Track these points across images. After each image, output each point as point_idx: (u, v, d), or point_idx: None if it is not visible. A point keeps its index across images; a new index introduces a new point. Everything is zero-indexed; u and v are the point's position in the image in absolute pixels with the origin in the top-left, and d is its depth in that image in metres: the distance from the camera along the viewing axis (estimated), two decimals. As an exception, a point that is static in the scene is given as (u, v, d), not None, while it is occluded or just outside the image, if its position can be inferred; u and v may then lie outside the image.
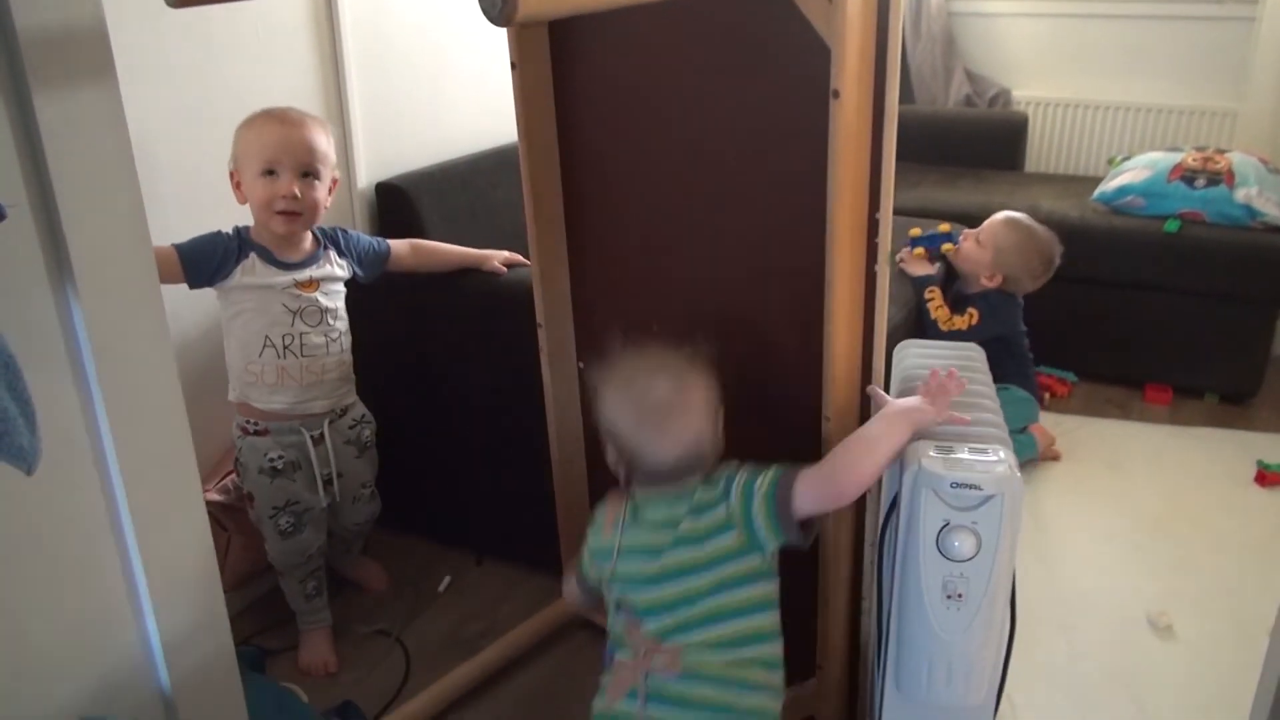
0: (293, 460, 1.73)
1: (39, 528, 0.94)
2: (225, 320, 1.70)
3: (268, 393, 1.70)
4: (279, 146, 1.62)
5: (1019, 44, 3.55)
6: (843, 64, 1.13)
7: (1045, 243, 2.40)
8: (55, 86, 0.81)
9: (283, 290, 1.67)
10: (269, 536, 1.76)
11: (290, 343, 1.68)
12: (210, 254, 1.64)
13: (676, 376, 1.29)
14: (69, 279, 0.87)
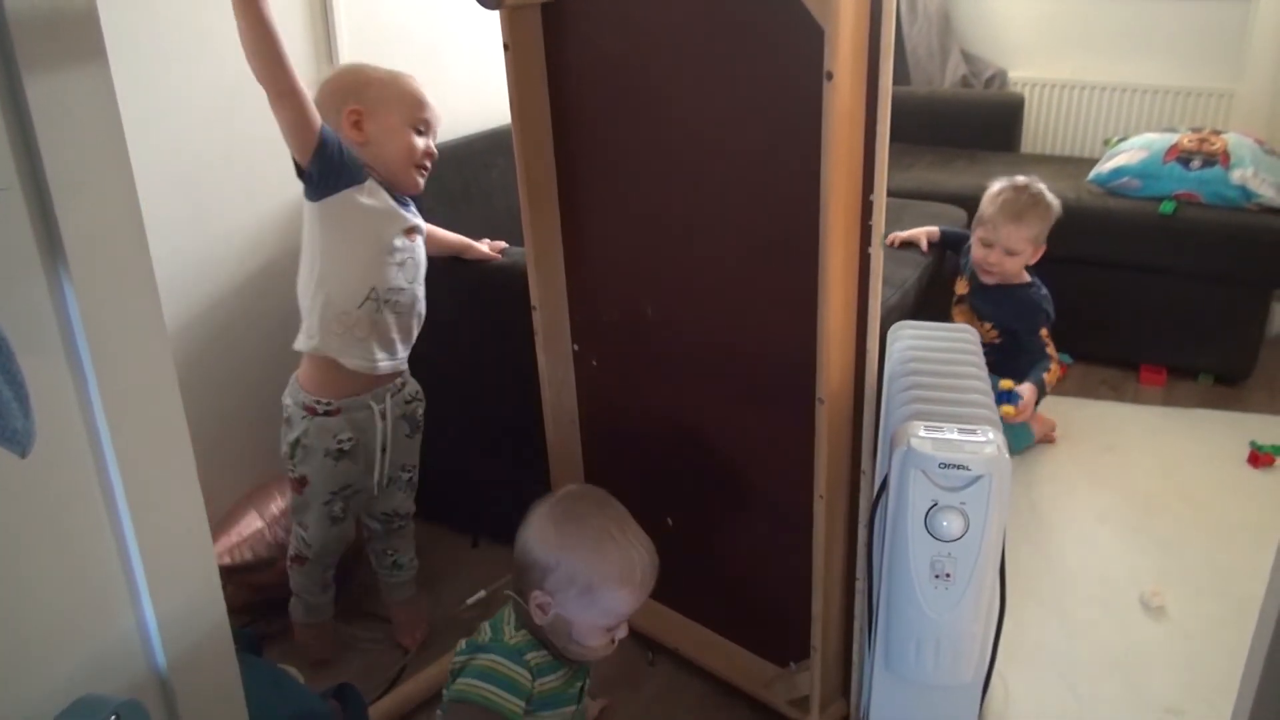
0: (358, 441, 1.64)
1: (34, 509, 0.94)
2: (323, 254, 1.55)
3: (353, 345, 1.58)
4: (431, 109, 1.62)
5: (1015, 25, 3.54)
6: (836, 45, 1.13)
7: (1044, 194, 2.35)
8: (46, 68, 0.80)
9: (395, 227, 1.58)
10: (315, 523, 1.68)
11: (390, 297, 1.60)
12: (342, 150, 1.51)
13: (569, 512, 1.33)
14: (61, 261, 0.87)
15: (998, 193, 2.33)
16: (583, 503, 1.34)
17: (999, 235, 2.30)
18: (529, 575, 1.30)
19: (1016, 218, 2.29)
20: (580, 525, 1.30)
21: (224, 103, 1.82)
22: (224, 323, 1.92)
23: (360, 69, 1.62)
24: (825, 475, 1.39)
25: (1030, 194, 2.31)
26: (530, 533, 1.32)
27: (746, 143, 1.36)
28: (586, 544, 1.29)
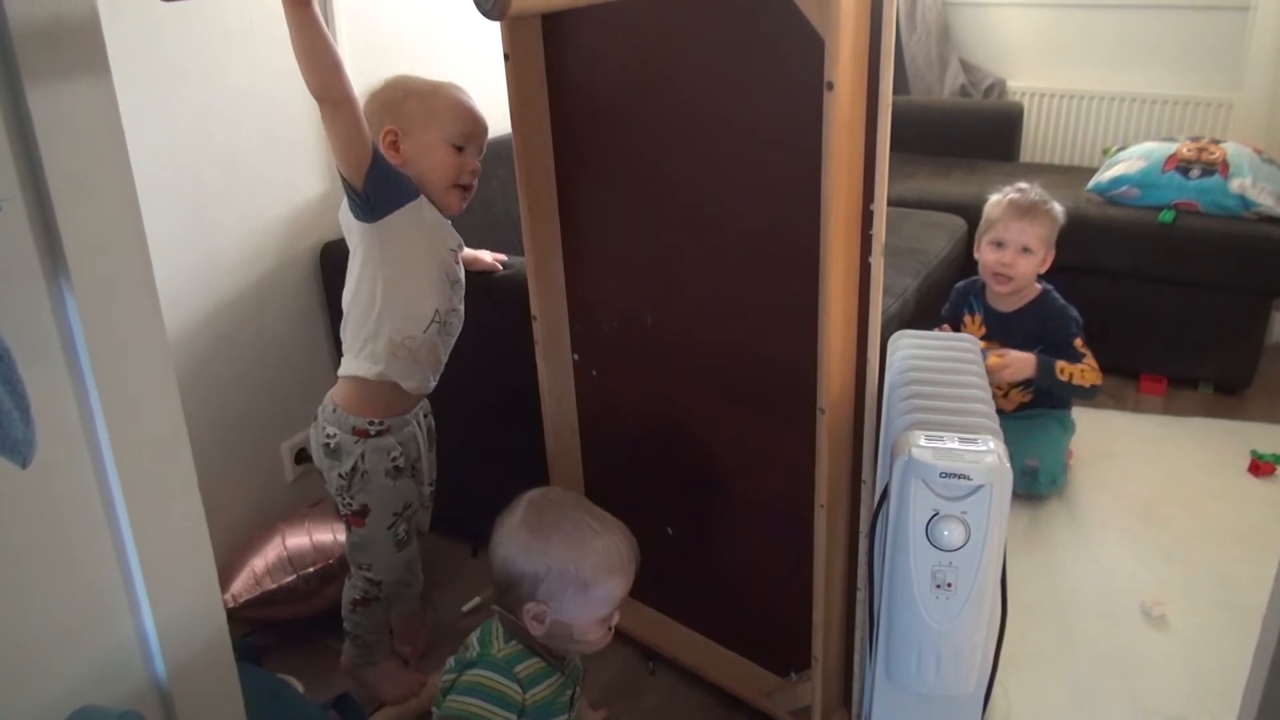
0: (407, 457, 1.59)
1: (34, 519, 0.94)
2: (385, 280, 1.48)
3: (411, 370, 1.53)
4: (475, 122, 1.52)
5: (1014, 34, 3.55)
6: (836, 55, 1.13)
7: (1049, 198, 2.31)
8: (48, 78, 0.81)
9: (449, 244, 1.54)
10: (383, 553, 1.60)
11: (448, 319, 1.56)
12: (392, 168, 1.46)
13: (539, 518, 1.33)
14: (63, 271, 0.87)
15: (1001, 196, 2.30)
16: (550, 506, 1.34)
17: (1010, 233, 2.23)
18: (517, 590, 1.30)
19: (1026, 213, 2.24)
20: (557, 528, 1.30)
21: (226, 112, 1.83)
22: (225, 332, 1.92)
23: (401, 82, 1.53)
24: (826, 485, 1.39)
25: (1036, 195, 2.28)
26: (509, 548, 1.31)
27: (746, 152, 1.37)
28: (570, 544, 1.29)
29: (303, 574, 1.85)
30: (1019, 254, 2.23)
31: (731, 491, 1.62)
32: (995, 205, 2.30)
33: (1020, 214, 2.24)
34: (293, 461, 2.11)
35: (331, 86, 1.33)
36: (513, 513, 1.34)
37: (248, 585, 1.84)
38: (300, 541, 1.89)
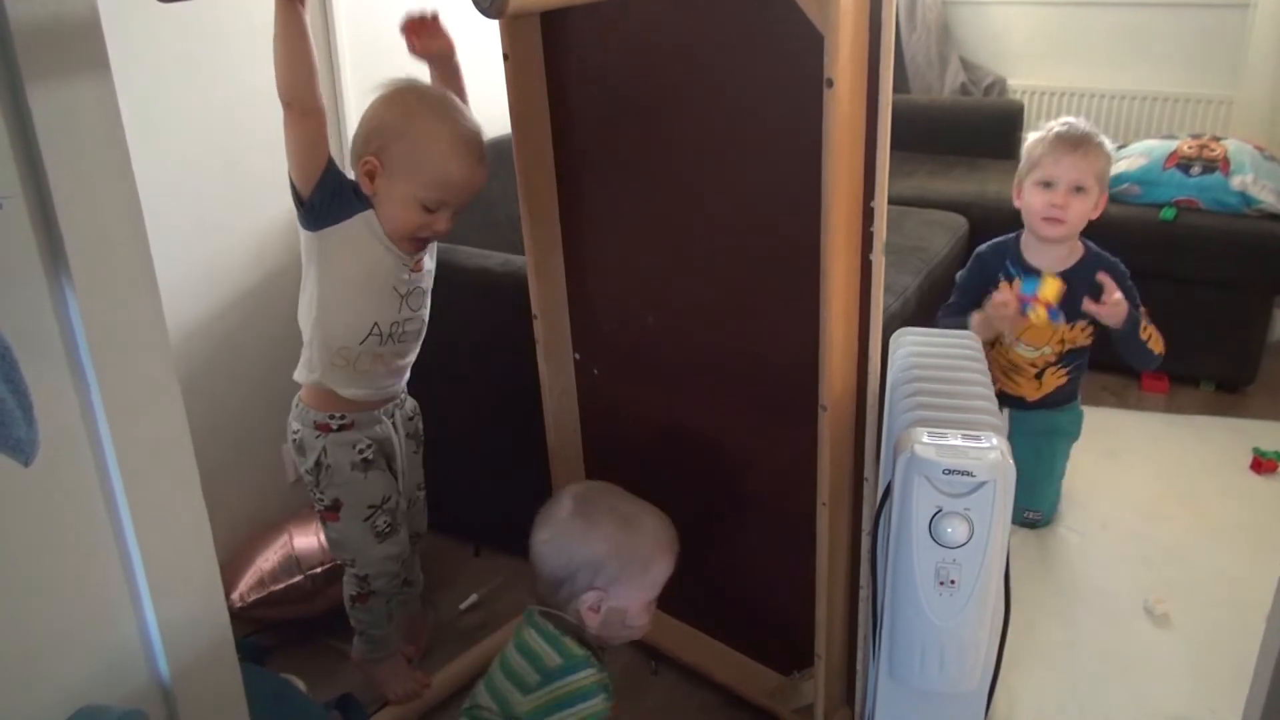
0: (379, 451, 1.57)
1: (37, 518, 0.94)
2: (320, 290, 1.45)
3: (352, 379, 1.50)
4: (458, 190, 1.41)
5: (1014, 32, 3.55)
6: (836, 53, 1.13)
7: (1094, 129, 1.98)
8: (49, 78, 0.81)
9: (398, 264, 1.46)
10: (363, 545, 1.57)
11: (394, 330, 1.50)
12: (345, 180, 1.42)
13: (581, 509, 1.36)
14: (64, 270, 0.87)
15: (1044, 131, 1.98)
16: (596, 494, 1.38)
17: (1060, 169, 1.89)
18: (574, 582, 1.32)
19: (1078, 146, 1.90)
20: (611, 513, 1.34)
21: (227, 112, 1.83)
22: (227, 332, 1.92)
23: (408, 109, 1.41)
24: (828, 483, 1.39)
25: (1085, 126, 1.95)
26: (563, 540, 1.33)
27: (747, 150, 1.37)
28: (626, 527, 1.33)
29: (309, 574, 1.85)
30: (1071, 194, 1.90)
31: (733, 490, 1.62)
32: (1039, 142, 1.96)
33: (1071, 147, 1.91)
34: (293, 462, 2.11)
35: (302, 94, 1.32)
36: (558, 506, 1.36)
37: (254, 585, 1.84)
38: (308, 541, 1.90)
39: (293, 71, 1.30)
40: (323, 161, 1.37)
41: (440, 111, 1.41)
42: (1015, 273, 1.96)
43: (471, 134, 1.43)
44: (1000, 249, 2.02)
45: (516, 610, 1.87)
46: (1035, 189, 1.93)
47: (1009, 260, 2.00)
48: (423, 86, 1.46)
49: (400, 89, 1.43)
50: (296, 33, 1.28)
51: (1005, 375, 2.01)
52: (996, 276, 1.98)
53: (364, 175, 1.41)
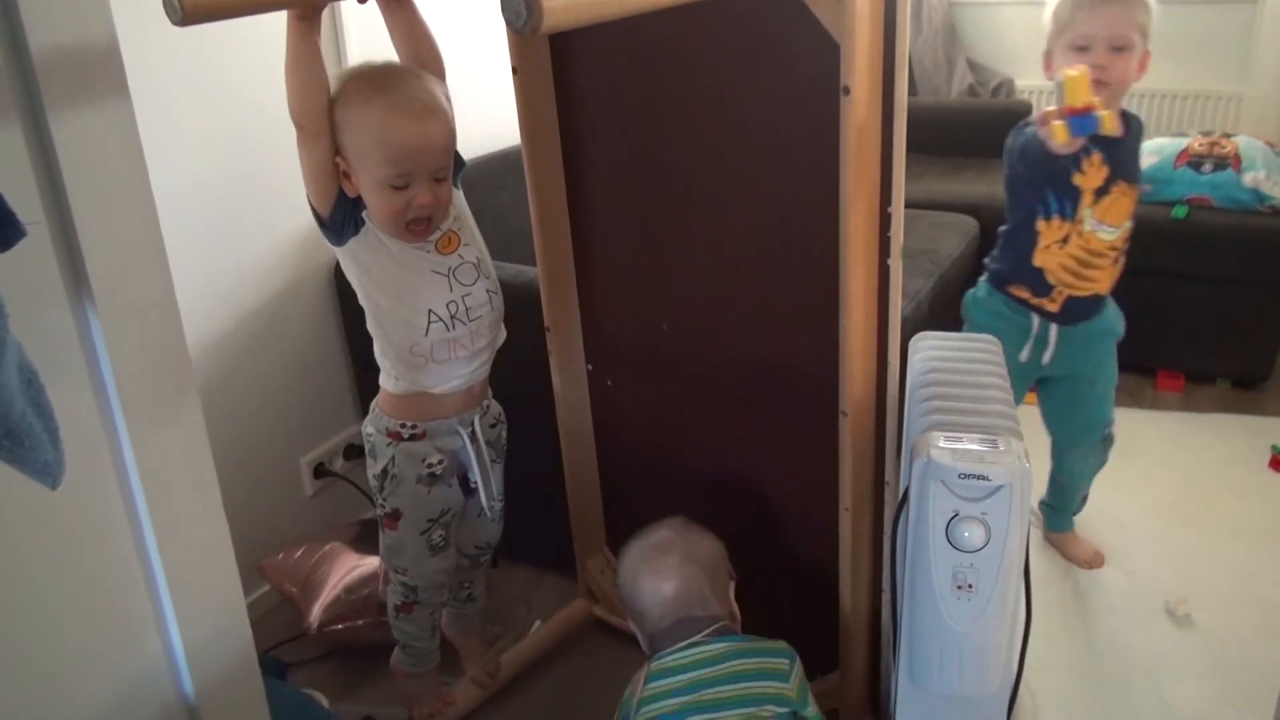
0: (449, 466, 1.54)
1: (62, 539, 0.94)
2: (369, 298, 1.44)
3: (436, 372, 1.46)
4: (411, 155, 1.33)
5: (1021, 33, 3.55)
6: (852, 60, 1.14)
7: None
8: (69, 105, 0.81)
9: (420, 251, 1.42)
10: (415, 558, 1.55)
11: (454, 310, 1.44)
12: (346, 203, 1.38)
13: (681, 529, 1.44)
14: (87, 294, 0.88)
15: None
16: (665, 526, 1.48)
17: (1097, 25, 1.68)
18: (718, 573, 1.41)
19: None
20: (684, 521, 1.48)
21: (241, 128, 1.84)
22: (242, 348, 1.93)
23: (344, 96, 1.34)
24: (850, 488, 1.39)
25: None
26: (691, 550, 1.41)
27: (762, 158, 1.37)
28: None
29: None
30: (1111, 53, 1.70)
31: (753, 497, 1.61)
32: (1064, 3, 1.74)
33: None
34: (312, 476, 2.11)
35: (314, 114, 1.30)
36: (656, 537, 1.44)
37: (331, 604, 1.83)
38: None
39: (305, 93, 1.30)
40: (338, 179, 1.36)
41: (370, 85, 1.33)
42: (1092, 146, 1.72)
43: (406, 96, 1.33)
44: (1035, 138, 1.69)
45: (534, 620, 1.89)
46: (1069, 54, 1.71)
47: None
48: (359, 68, 1.38)
49: (342, 80, 1.36)
50: (309, 55, 1.28)
51: (1080, 272, 1.82)
52: (1063, 161, 1.70)
53: (344, 180, 1.37)
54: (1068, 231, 1.81)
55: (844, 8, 1.12)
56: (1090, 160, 1.76)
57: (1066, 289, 1.84)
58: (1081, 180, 1.77)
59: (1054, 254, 1.83)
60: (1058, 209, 1.80)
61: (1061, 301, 1.86)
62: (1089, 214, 1.79)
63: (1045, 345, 1.89)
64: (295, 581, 1.90)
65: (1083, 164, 1.76)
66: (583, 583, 1.92)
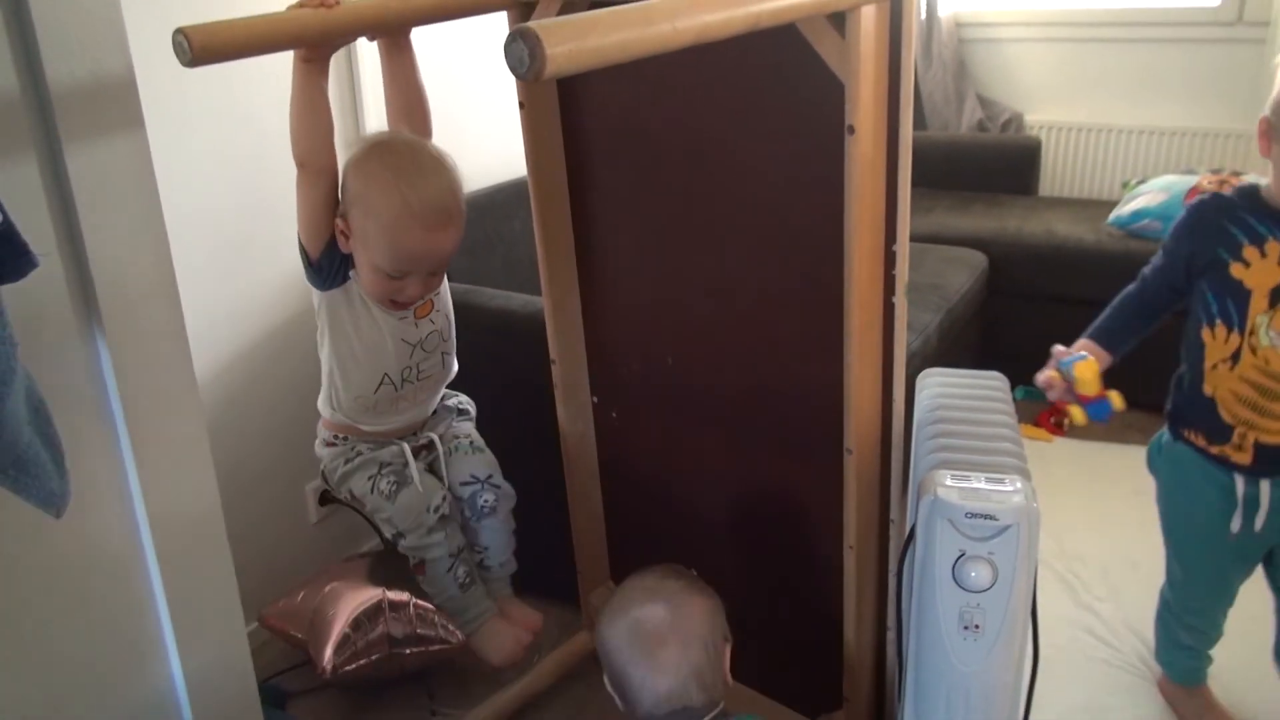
0: (396, 470, 1.53)
1: (66, 568, 0.94)
2: (332, 345, 1.46)
3: (375, 418, 1.52)
4: (414, 260, 1.36)
5: (1030, 68, 3.56)
6: (856, 99, 1.14)
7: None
8: (85, 137, 0.82)
9: (395, 318, 1.44)
10: (378, 506, 1.52)
11: (408, 375, 1.49)
12: (336, 252, 1.40)
13: (675, 603, 1.28)
14: (97, 325, 0.88)
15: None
16: (636, 590, 1.33)
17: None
18: (717, 640, 1.29)
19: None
20: (665, 587, 1.32)
21: (250, 158, 1.85)
22: (249, 376, 1.94)
23: (369, 173, 1.35)
24: (855, 525, 1.38)
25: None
26: (691, 626, 1.27)
27: (767, 195, 1.37)
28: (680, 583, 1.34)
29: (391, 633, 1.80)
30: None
31: (757, 532, 1.61)
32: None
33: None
34: (316, 503, 2.11)
35: (316, 156, 1.32)
36: (650, 607, 1.28)
37: (341, 645, 1.79)
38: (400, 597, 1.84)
39: (307, 133, 1.32)
40: (331, 228, 1.37)
41: (396, 178, 1.33)
42: (1271, 230, 1.36)
43: (427, 201, 1.33)
44: (1233, 203, 1.43)
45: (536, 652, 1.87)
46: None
47: (1253, 217, 1.39)
48: (390, 146, 1.39)
49: (366, 151, 1.38)
50: (313, 97, 1.30)
51: (1262, 404, 1.38)
52: (1238, 240, 1.38)
53: (340, 235, 1.39)
54: (1238, 345, 1.39)
55: (848, 48, 1.13)
56: (1261, 247, 1.35)
57: (1250, 430, 1.40)
58: (1247, 276, 1.35)
59: (1224, 377, 1.41)
60: (1219, 311, 1.39)
61: (1250, 449, 1.41)
62: (1264, 323, 1.35)
63: (1257, 508, 1.44)
64: (300, 627, 1.87)
65: (1244, 251, 1.36)
66: (586, 615, 1.91)
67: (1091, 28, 3.40)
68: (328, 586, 1.94)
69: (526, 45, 0.75)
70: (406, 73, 1.45)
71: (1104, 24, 3.37)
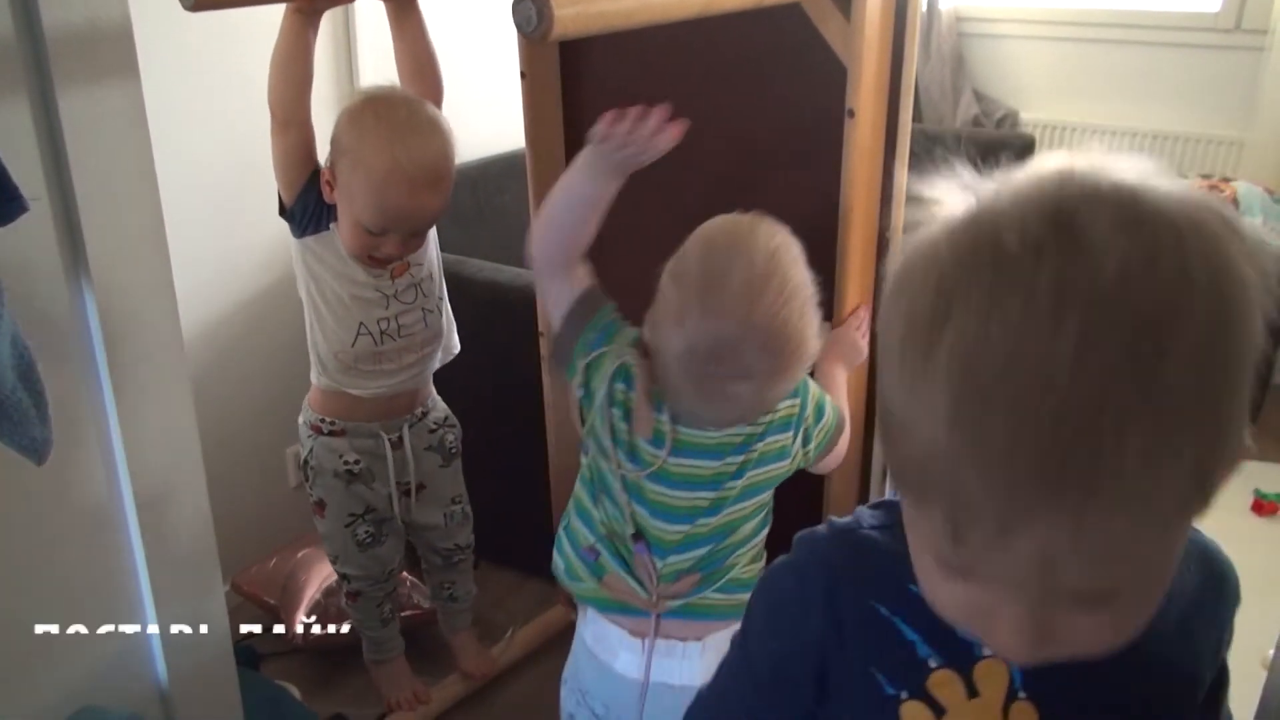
0: (368, 467, 1.57)
1: (44, 517, 0.94)
2: (308, 296, 1.48)
3: (359, 378, 1.51)
4: (396, 217, 1.37)
5: (1028, 66, 3.57)
6: (859, 83, 1.14)
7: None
8: (79, 84, 0.81)
9: (370, 273, 1.45)
10: (344, 549, 1.59)
11: (386, 327, 1.49)
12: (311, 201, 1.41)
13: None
14: (84, 273, 0.88)
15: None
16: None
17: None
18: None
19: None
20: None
21: (242, 117, 1.84)
22: (233, 336, 1.93)
23: (364, 126, 1.35)
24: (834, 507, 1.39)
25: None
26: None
27: (764, 176, 1.37)
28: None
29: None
30: None
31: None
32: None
33: None
34: (296, 467, 2.11)
35: (292, 106, 1.34)
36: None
37: (312, 610, 1.82)
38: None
39: (284, 84, 1.33)
40: (305, 174, 1.38)
41: (390, 135, 1.33)
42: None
43: (417, 161, 1.34)
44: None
45: (512, 624, 1.88)
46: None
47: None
48: (388, 100, 1.39)
49: (364, 103, 1.38)
50: (298, 50, 1.31)
51: None
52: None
53: (325, 185, 1.40)
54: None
55: (853, 31, 1.12)
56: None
57: None
58: None
59: None
60: None
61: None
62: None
63: None
64: (272, 592, 1.88)
65: None
66: (562, 589, 1.91)
67: (1091, 28, 3.40)
68: (301, 553, 1.94)
69: (535, 4, 0.75)
70: (414, 33, 1.45)
71: (1104, 25, 3.38)
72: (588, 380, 1.12)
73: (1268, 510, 2.34)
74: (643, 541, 1.12)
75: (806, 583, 0.67)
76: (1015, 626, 0.51)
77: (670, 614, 1.14)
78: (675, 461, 1.09)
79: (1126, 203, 0.48)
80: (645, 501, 1.12)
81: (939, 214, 0.52)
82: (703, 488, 1.10)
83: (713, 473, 1.10)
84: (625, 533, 1.13)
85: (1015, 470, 0.44)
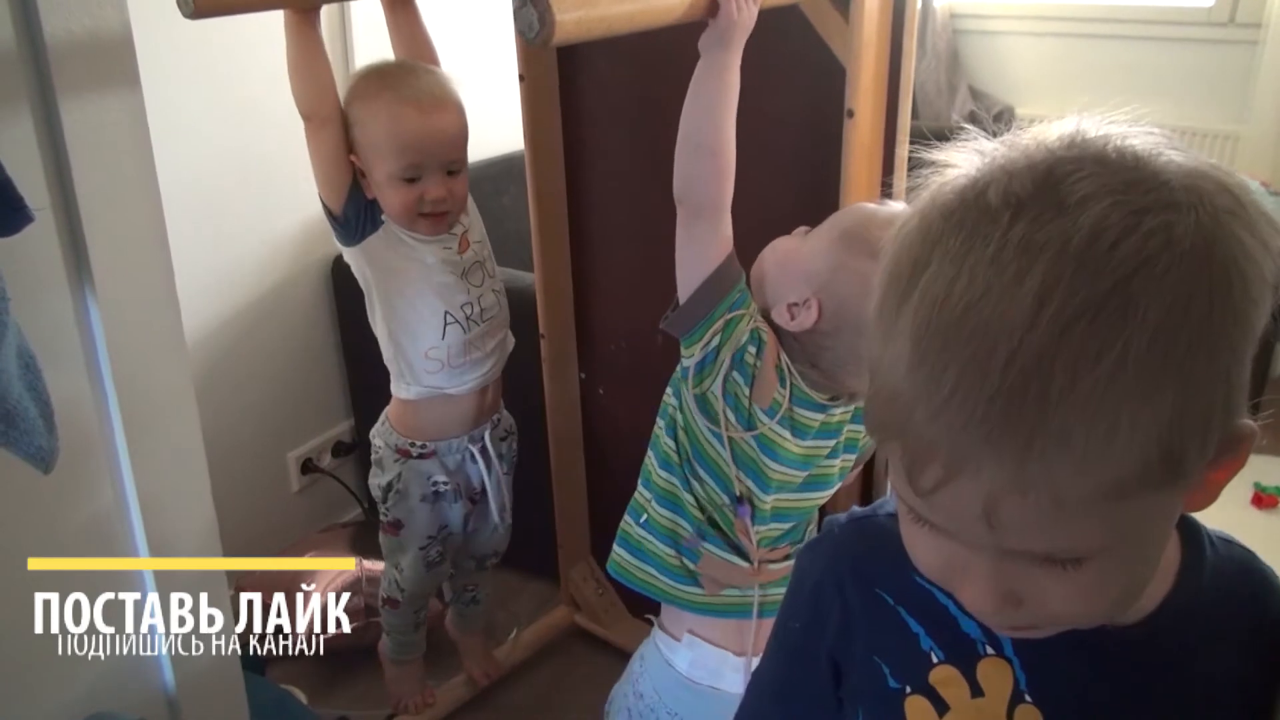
0: (454, 486, 1.55)
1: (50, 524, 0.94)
2: (384, 300, 1.43)
3: (453, 375, 1.47)
4: (420, 146, 1.33)
5: (1023, 62, 3.57)
6: (857, 83, 1.15)
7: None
8: (80, 92, 0.82)
9: (438, 248, 1.41)
10: (412, 568, 1.56)
11: (469, 311, 1.44)
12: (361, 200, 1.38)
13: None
14: (88, 281, 0.88)
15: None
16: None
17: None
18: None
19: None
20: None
21: (243, 121, 1.84)
22: (236, 341, 1.93)
23: (355, 91, 1.36)
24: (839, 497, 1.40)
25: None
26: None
27: (762, 178, 1.37)
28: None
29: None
30: None
31: (738, 513, 1.62)
32: None
33: None
34: (299, 471, 2.11)
35: (317, 102, 1.31)
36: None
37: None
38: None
39: (307, 83, 1.30)
40: (349, 175, 1.35)
41: (380, 80, 1.35)
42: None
43: (414, 88, 1.34)
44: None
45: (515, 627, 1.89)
46: None
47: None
48: (371, 66, 1.39)
49: (357, 76, 1.39)
50: (310, 47, 1.29)
51: None
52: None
53: (361, 179, 1.38)
54: None
55: (851, 32, 1.13)
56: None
57: None
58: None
59: None
60: None
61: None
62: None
63: None
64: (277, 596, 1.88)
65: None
66: (565, 590, 1.92)
67: (1085, 23, 3.41)
68: (307, 556, 1.94)
69: (536, 10, 0.76)
70: (411, 27, 1.44)
71: (1098, 20, 3.38)
72: (717, 342, 1.09)
73: (1268, 503, 2.34)
74: (746, 504, 1.11)
75: (820, 566, 0.68)
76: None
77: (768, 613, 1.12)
78: (783, 436, 1.09)
79: (1127, 167, 0.49)
80: (749, 468, 1.10)
81: (947, 174, 0.53)
82: (799, 466, 1.11)
83: (827, 449, 1.12)
84: (723, 501, 1.12)
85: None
